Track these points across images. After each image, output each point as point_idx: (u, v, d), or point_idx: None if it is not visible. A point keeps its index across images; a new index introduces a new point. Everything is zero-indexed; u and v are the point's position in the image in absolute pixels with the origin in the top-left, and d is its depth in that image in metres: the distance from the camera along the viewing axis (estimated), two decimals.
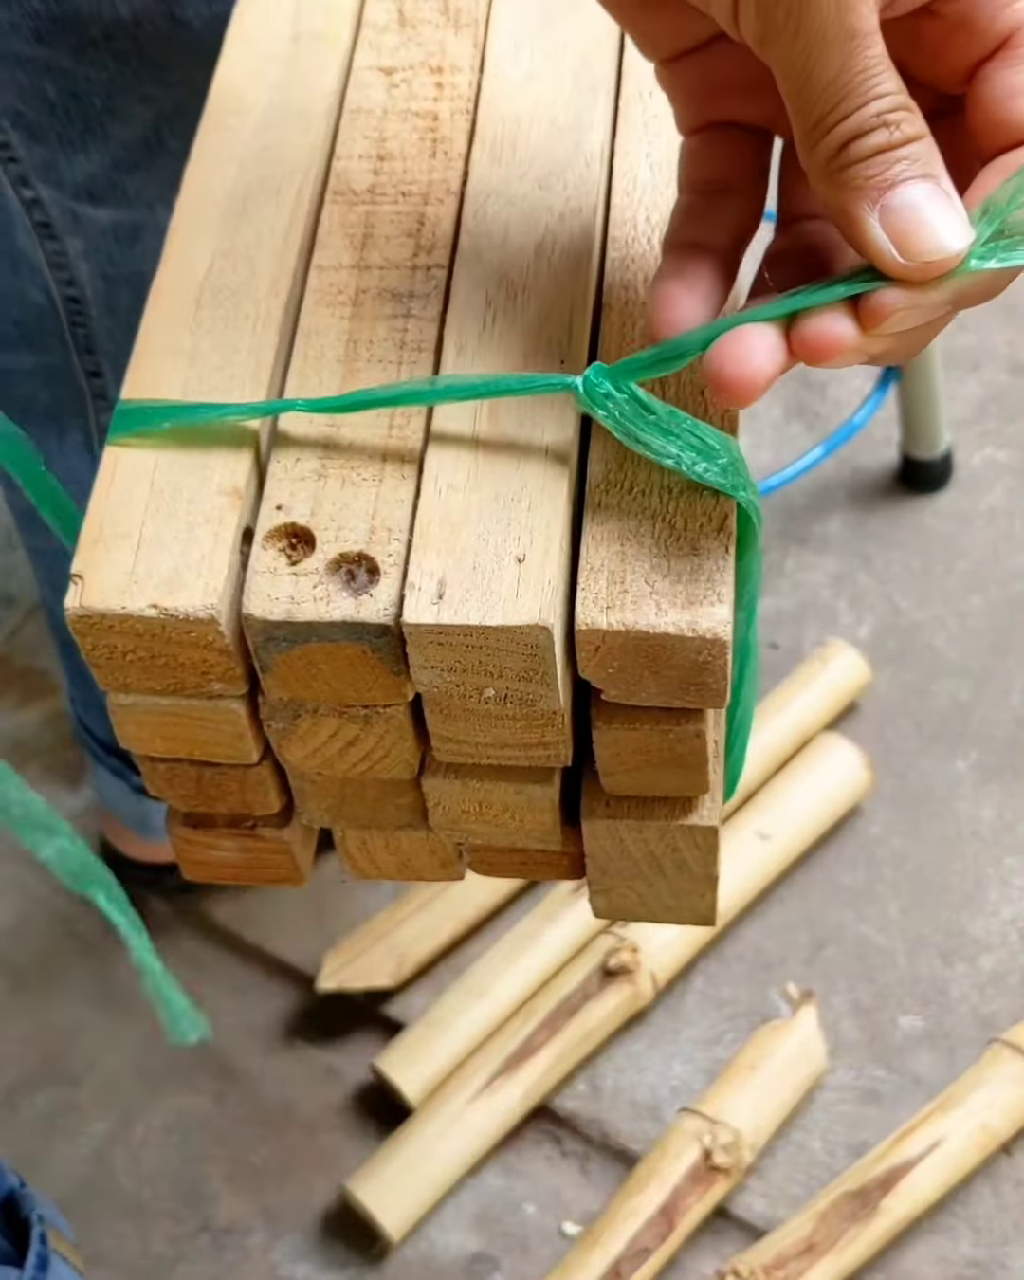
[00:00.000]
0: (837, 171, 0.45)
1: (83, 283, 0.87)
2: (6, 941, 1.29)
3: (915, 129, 0.44)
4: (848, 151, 0.44)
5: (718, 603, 0.46)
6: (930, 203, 0.44)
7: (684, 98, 0.50)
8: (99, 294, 0.88)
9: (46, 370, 0.93)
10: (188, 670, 0.48)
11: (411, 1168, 1.12)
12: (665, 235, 0.50)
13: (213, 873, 0.58)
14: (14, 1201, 0.72)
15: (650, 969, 1.18)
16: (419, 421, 0.50)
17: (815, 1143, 1.15)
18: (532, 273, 0.53)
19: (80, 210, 0.84)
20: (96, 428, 0.96)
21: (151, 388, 0.51)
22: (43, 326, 0.90)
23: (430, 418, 0.50)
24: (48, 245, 0.86)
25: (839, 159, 0.44)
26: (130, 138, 0.82)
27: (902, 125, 0.44)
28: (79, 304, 0.89)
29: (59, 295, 0.88)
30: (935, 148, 0.45)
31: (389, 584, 0.47)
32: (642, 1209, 1.09)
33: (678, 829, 0.53)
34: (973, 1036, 1.18)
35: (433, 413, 0.50)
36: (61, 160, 0.82)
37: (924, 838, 1.27)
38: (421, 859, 0.57)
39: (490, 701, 0.48)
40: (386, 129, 0.57)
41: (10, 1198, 0.72)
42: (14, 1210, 0.72)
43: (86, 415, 0.95)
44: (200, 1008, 1.24)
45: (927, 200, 0.44)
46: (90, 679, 1.17)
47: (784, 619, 1.37)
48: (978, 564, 1.40)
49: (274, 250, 0.54)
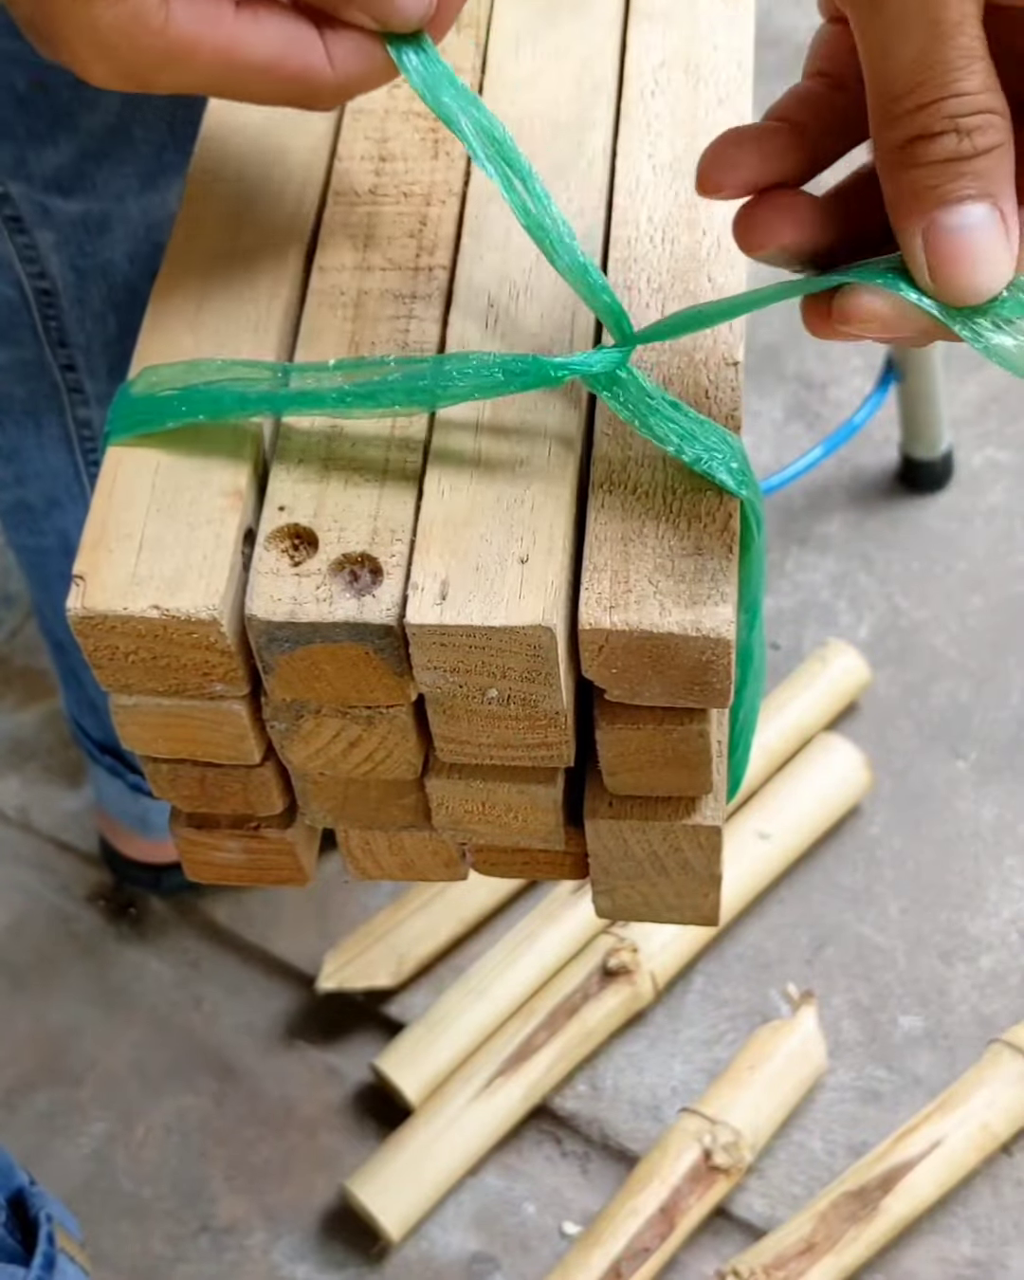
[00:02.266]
0: (897, 167, 0.42)
1: (54, 275, 0.87)
2: (6, 941, 1.29)
3: (990, 140, 0.41)
4: (912, 151, 0.42)
5: (721, 602, 0.46)
6: (981, 232, 0.42)
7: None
8: (70, 286, 0.88)
9: (20, 365, 0.93)
10: (189, 671, 0.48)
11: (411, 1168, 1.12)
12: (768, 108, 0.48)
13: (217, 874, 0.58)
14: (22, 1199, 0.72)
15: (650, 969, 1.18)
16: (422, 421, 0.50)
17: (815, 1143, 1.15)
18: (533, 274, 0.53)
19: (50, 203, 0.84)
20: (74, 421, 0.96)
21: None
22: (15, 320, 0.90)
23: (433, 418, 0.50)
24: (17, 239, 0.86)
25: (902, 155, 0.42)
26: (98, 126, 0.82)
27: (975, 135, 0.41)
28: (51, 296, 0.89)
29: (31, 289, 0.88)
30: (1010, 162, 0.42)
31: (392, 585, 0.47)
32: (642, 1209, 1.09)
33: (681, 829, 0.53)
34: (973, 1036, 1.18)
35: (436, 413, 0.50)
36: (30, 155, 0.82)
37: (924, 838, 1.27)
38: (425, 859, 0.57)
39: (493, 702, 0.48)
40: (388, 130, 0.57)
41: (19, 1195, 0.72)
42: (22, 1208, 0.72)
43: (63, 410, 0.95)
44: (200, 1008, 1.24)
45: (978, 228, 0.42)
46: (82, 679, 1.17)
47: (784, 619, 1.37)
48: (978, 564, 1.40)
49: (275, 252, 0.54)
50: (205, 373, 0.50)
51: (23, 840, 1.34)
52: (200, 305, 0.53)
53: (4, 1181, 0.72)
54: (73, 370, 0.93)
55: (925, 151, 0.42)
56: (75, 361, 0.92)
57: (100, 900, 1.30)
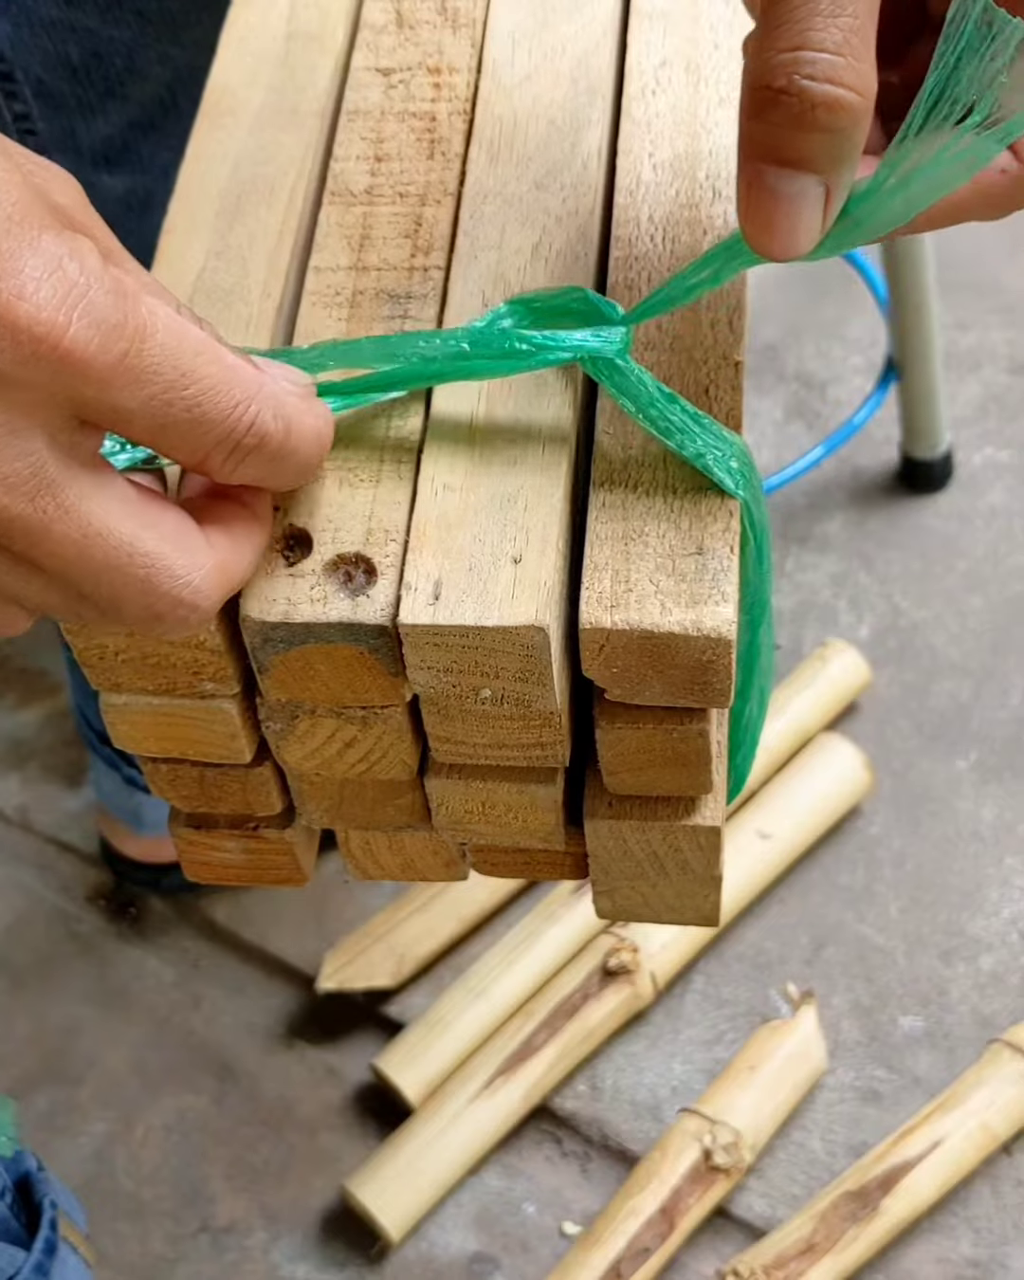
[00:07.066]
0: (747, 108, 0.40)
1: None
2: (6, 941, 1.29)
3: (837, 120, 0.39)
4: (759, 99, 0.40)
5: (722, 602, 0.46)
6: (797, 202, 0.40)
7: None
8: None
9: None
10: (179, 670, 0.48)
11: (411, 1168, 1.12)
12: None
13: (216, 874, 0.58)
14: (29, 1184, 0.72)
15: (650, 969, 1.18)
16: (416, 422, 0.50)
17: (815, 1143, 1.15)
18: (528, 273, 0.53)
19: (96, 179, 0.85)
20: None
21: None
22: None
23: (427, 417, 0.50)
24: None
25: (752, 98, 0.40)
26: (147, 98, 0.83)
27: (820, 110, 0.38)
28: None
29: None
30: (859, 142, 0.40)
31: (386, 585, 0.47)
32: (642, 1209, 1.08)
33: (681, 829, 0.53)
34: (973, 1036, 1.18)
35: (430, 412, 0.50)
36: (80, 126, 0.82)
37: (924, 838, 1.27)
38: (425, 860, 0.57)
39: (487, 702, 0.48)
40: (384, 130, 0.56)
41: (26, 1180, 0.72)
42: (28, 1193, 0.72)
43: None
44: (200, 1007, 1.24)
45: (797, 197, 0.40)
46: None
47: (784, 619, 1.37)
48: (978, 564, 1.40)
49: (267, 251, 0.54)
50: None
51: (23, 840, 1.34)
52: (192, 302, 0.53)
53: (12, 1164, 0.72)
54: None
55: (770, 107, 0.39)
56: None
57: (100, 900, 1.31)
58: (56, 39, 0.79)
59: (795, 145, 0.40)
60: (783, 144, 0.40)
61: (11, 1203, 0.71)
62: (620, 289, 0.53)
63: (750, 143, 0.41)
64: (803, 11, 0.39)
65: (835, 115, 0.39)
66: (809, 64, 0.39)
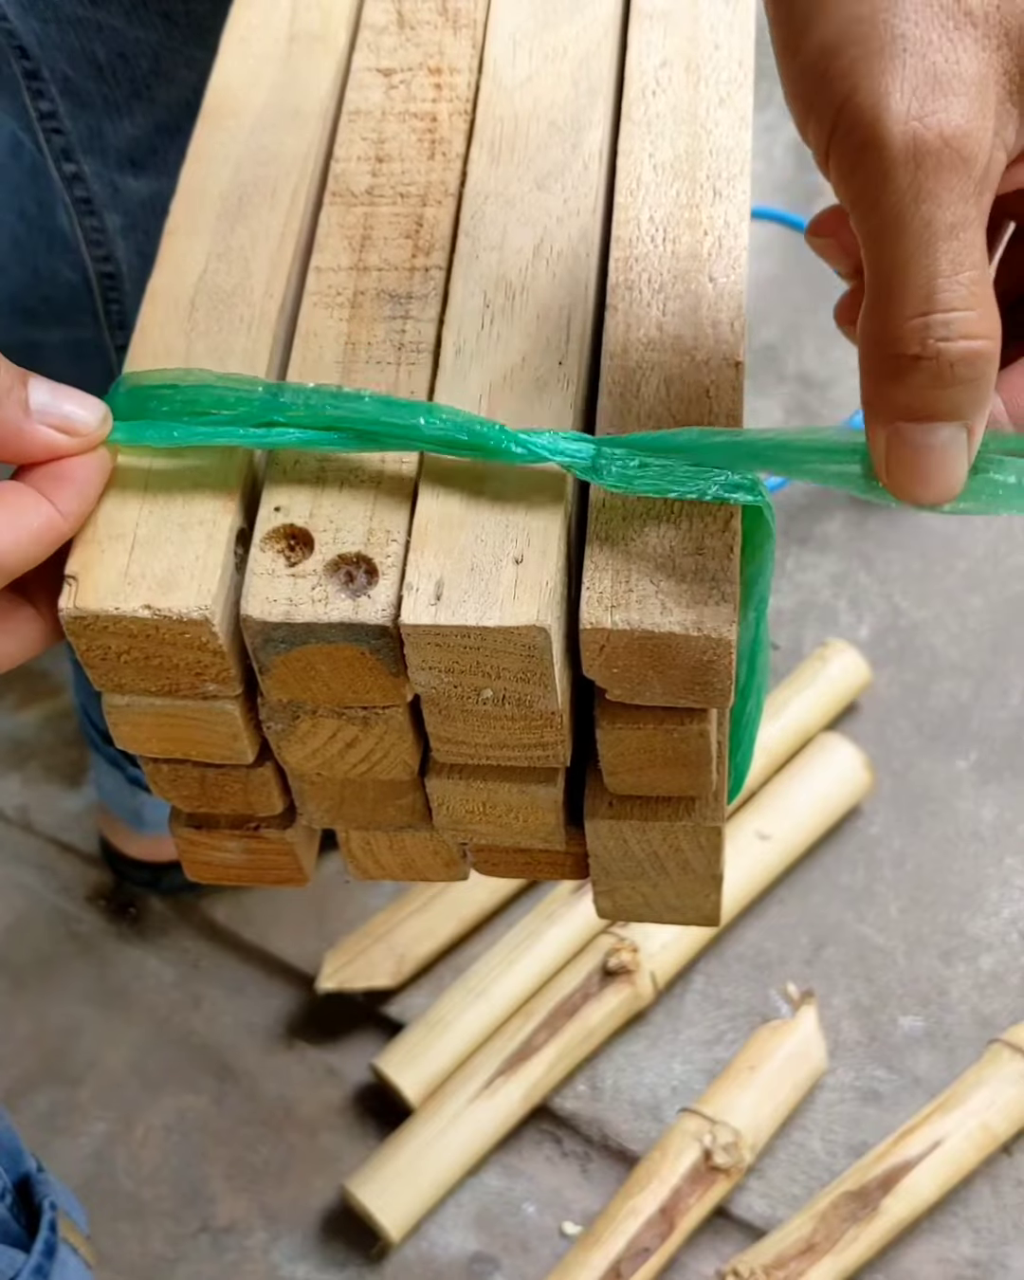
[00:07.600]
0: (876, 373, 0.41)
1: (119, 259, 0.88)
2: (6, 941, 1.29)
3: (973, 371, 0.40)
4: (893, 364, 0.41)
5: (722, 602, 0.46)
6: (944, 451, 0.41)
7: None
8: (134, 270, 0.89)
9: (75, 346, 0.93)
10: (182, 671, 0.48)
11: (411, 1168, 1.12)
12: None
13: (217, 874, 0.58)
14: (29, 1185, 0.72)
15: (650, 969, 1.18)
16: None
17: (815, 1143, 1.15)
18: (530, 273, 0.53)
19: (121, 182, 0.85)
20: None
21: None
22: (76, 304, 0.90)
23: None
24: (86, 222, 0.86)
25: (883, 365, 0.41)
26: (174, 101, 0.83)
27: (957, 365, 0.40)
28: (114, 280, 0.89)
29: (95, 272, 0.88)
30: (991, 382, 0.41)
31: (387, 585, 0.47)
32: (642, 1209, 1.08)
33: (681, 829, 0.53)
34: (973, 1036, 1.18)
35: None
36: (107, 127, 0.82)
37: (924, 838, 1.27)
38: (425, 860, 0.57)
39: (488, 702, 0.48)
40: (385, 130, 0.57)
41: (26, 1181, 0.72)
42: (28, 1194, 0.72)
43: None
44: (200, 1007, 1.24)
45: (941, 447, 0.41)
46: None
47: (784, 619, 1.37)
48: (978, 564, 1.40)
49: (269, 252, 0.54)
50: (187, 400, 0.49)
51: (23, 840, 1.34)
52: (194, 304, 0.53)
53: (12, 1165, 0.72)
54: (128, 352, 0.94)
55: (906, 371, 0.40)
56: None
57: (100, 900, 1.31)
58: (82, 36, 0.79)
59: (938, 402, 0.41)
60: (925, 403, 0.41)
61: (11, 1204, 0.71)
62: (621, 289, 0.53)
63: (888, 405, 0.41)
64: (923, 276, 0.39)
65: (973, 366, 0.40)
66: (942, 326, 0.39)
